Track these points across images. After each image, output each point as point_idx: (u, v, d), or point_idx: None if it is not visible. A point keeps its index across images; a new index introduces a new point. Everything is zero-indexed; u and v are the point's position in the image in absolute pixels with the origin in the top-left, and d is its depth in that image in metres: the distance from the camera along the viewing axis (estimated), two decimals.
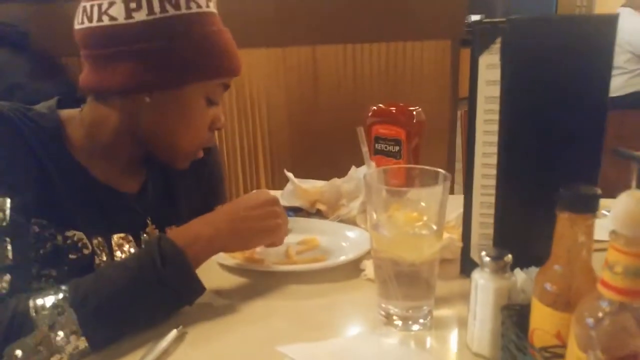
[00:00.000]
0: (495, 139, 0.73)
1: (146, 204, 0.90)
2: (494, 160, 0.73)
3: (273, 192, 0.87)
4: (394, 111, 1.02)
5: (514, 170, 0.72)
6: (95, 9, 0.76)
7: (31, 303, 0.62)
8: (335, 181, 1.08)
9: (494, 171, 0.73)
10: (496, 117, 0.72)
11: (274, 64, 2.00)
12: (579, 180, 0.48)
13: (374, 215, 0.66)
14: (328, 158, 1.94)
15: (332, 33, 2.00)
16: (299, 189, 1.08)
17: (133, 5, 0.74)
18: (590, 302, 0.40)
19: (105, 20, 0.75)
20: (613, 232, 0.38)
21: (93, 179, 0.82)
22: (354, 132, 0.99)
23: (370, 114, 1.05)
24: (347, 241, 0.93)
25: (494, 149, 0.73)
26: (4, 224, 0.68)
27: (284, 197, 1.09)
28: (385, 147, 1.03)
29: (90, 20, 0.76)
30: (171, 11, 0.76)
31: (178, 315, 0.70)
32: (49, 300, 0.62)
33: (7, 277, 0.65)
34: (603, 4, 4.94)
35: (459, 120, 1.99)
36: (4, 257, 0.66)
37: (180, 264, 0.68)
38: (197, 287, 0.71)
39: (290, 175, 1.11)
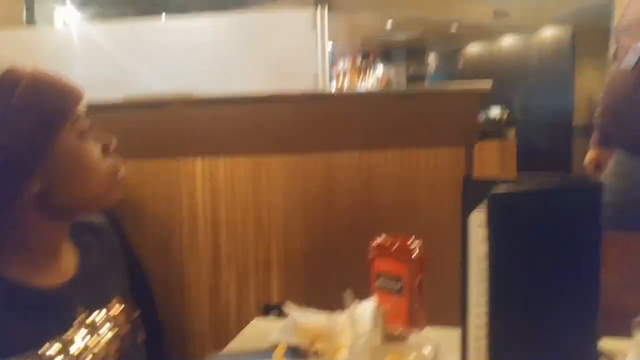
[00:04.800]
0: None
1: (77, 290, 0.85)
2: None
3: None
4: (394, 247, 1.00)
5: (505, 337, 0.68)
6: None
7: None
8: (334, 318, 1.05)
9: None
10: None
11: (292, 170, 2.04)
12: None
13: None
14: (342, 269, 1.90)
15: (347, 140, 2.05)
16: (297, 324, 1.05)
17: None
18: None
19: None
20: None
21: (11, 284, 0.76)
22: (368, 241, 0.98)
23: (373, 246, 1.04)
24: None
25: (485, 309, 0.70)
26: None
27: (283, 332, 1.05)
28: (387, 284, 1.00)
29: None
30: None
31: None
32: None
33: None
34: None
35: None
36: None
37: None
38: None
39: (290, 308, 1.08)
